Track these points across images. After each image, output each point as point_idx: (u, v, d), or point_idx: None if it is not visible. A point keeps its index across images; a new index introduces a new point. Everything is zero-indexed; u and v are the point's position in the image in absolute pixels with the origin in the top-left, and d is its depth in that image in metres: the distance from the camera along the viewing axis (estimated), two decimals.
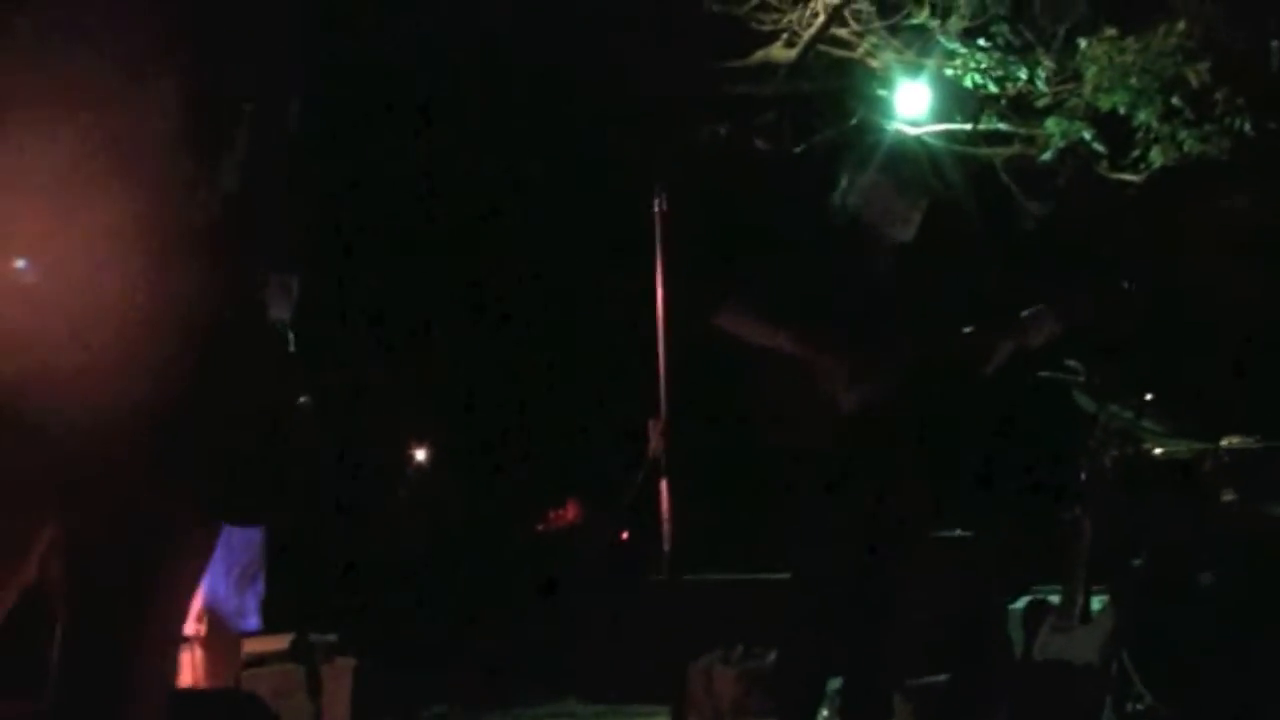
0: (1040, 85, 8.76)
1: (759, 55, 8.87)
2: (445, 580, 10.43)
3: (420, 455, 14.94)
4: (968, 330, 4.79)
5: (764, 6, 8.71)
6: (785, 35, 8.78)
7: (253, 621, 3.97)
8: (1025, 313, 4.85)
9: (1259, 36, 8.54)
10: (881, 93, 9.02)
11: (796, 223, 4.94)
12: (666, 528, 4.03)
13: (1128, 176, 9.07)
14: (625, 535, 11.48)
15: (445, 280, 12.06)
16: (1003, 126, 9.24)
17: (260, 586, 3.95)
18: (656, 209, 4.31)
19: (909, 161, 4.99)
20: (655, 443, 3.98)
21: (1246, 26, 8.73)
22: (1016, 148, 9.39)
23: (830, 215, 4.88)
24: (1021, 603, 5.96)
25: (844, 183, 4.89)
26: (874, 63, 8.77)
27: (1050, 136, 8.88)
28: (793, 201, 4.99)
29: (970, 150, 9.54)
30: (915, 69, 8.86)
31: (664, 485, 4.12)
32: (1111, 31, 8.43)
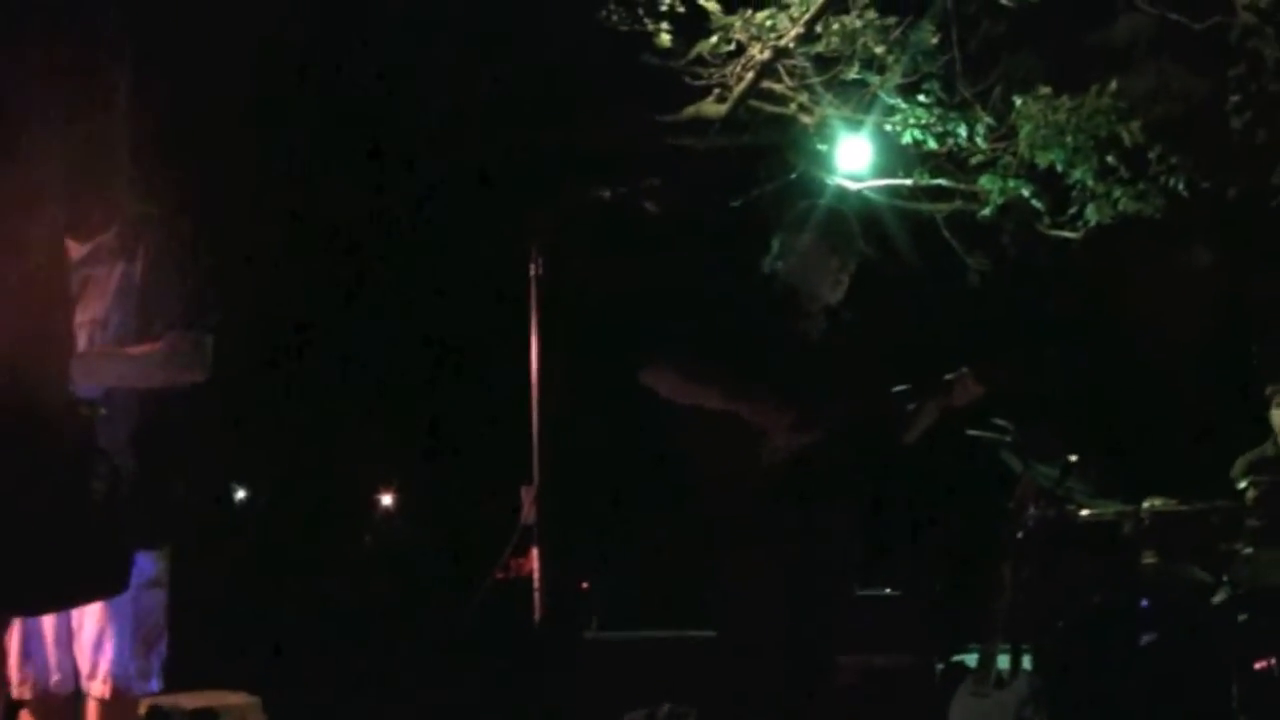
0: (979, 141, 8.95)
1: (690, 110, 9.09)
2: (391, 630, 10.48)
3: (386, 500, 14.98)
4: (895, 390, 4.89)
5: (700, 61, 8.92)
6: (717, 90, 9.00)
7: (154, 684, 4.07)
8: (949, 376, 4.94)
9: (1218, 87, 8.77)
10: (822, 147, 9.17)
11: (721, 282, 5.02)
12: (538, 596, 4.12)
13: (1066, 234, 9.26)
14: (585, 585, 11.60)
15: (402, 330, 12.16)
16: (944, 183, 9.42)
17: (162, 648, 4.06)
18: (532, 272, 4.40)
19: (840, 222, 5.08)
20: (528, 509, 4.06)
21: (1207, 78, 8.98)
22: (958, 204, 9.56)
23: (762, 278, 4.96)
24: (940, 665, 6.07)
25: (775, 247, 5.00)
26: (807, 118, 8.95)
27: (989, 193, 9.07)
28: (718, 261, 5.07)
29: (912, 206, 9.71)
30: (854, 124, 9.03)
31: (534, 553, 4.21)
32: (1046, 90, 8.66)
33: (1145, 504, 6.44)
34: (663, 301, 4.84)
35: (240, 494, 14.66)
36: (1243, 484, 6.63)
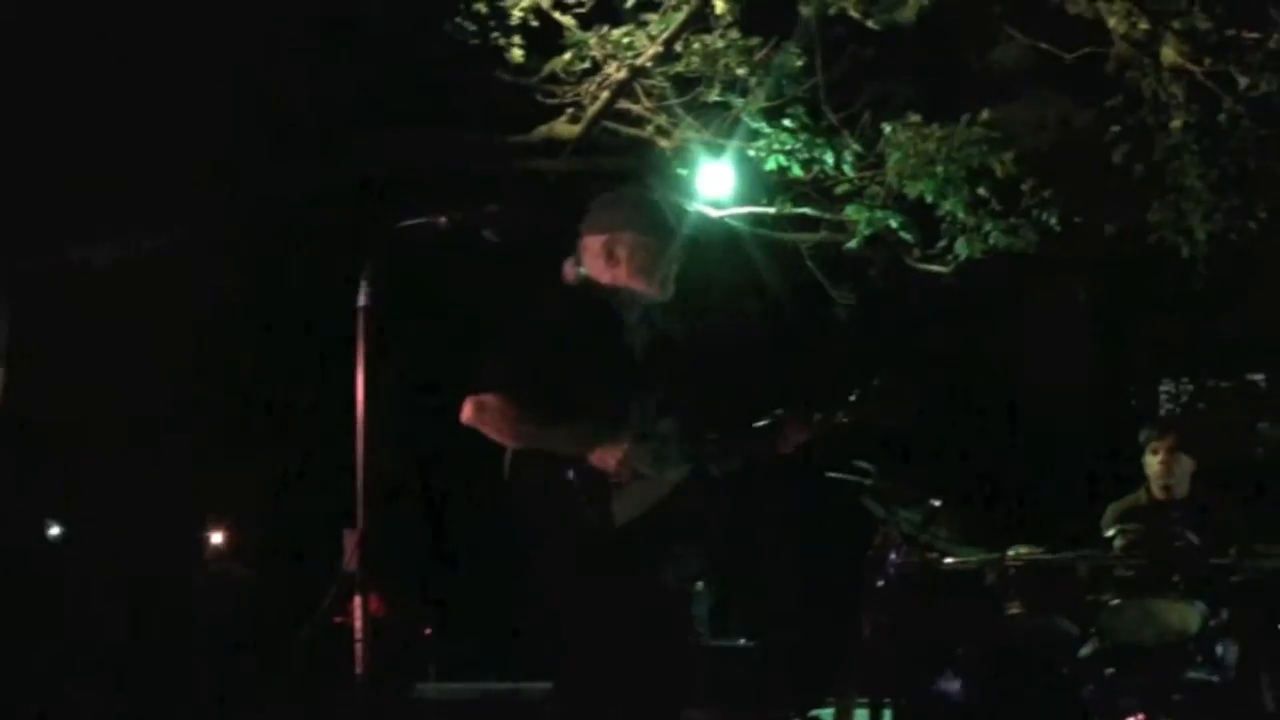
0: (847, 169, 9.03)
1: (541, 131, 9.08)
2: (210, 676, 10.31)
3: (217, 538, 14.75)
4: (711, 437, 4.87)
5: (553, 79, 8.91)
6: (571, 110, 8.99)
7: None
8: (762, 422, 4.92)
9: (1098, 119, 8.92)
10: (682, 172, 9.20)
11: (555, 309, 4.94)
12: (359, 648, 4.07)
13: (936, 268, 9.37)
14: (429, 631, 11.52)
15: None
16: (809, 211, 9.48)
17: None
18: (361, 304, 4.35)
19: (654, 213, 5.00)
20: (350, 555, 4.02)
21: (1087, 110, 9.14)
22: (823, 234, 9.63)
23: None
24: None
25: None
26: (665, 142, 8.98)
27: (857, 223, 9.15)
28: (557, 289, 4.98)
29: (776, 235, 9.78)
30: (716, 149, 9.07)
31: (357, 602, 4.15)
32: (916, 117, 8.76)
33: (1011, 552, 6.50)
34: (493, 333, 4.78)
35: (54, 530, 14.39)
36: (1110, 532, 6.74)
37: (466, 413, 4.67)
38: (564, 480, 4.64)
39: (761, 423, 4.92)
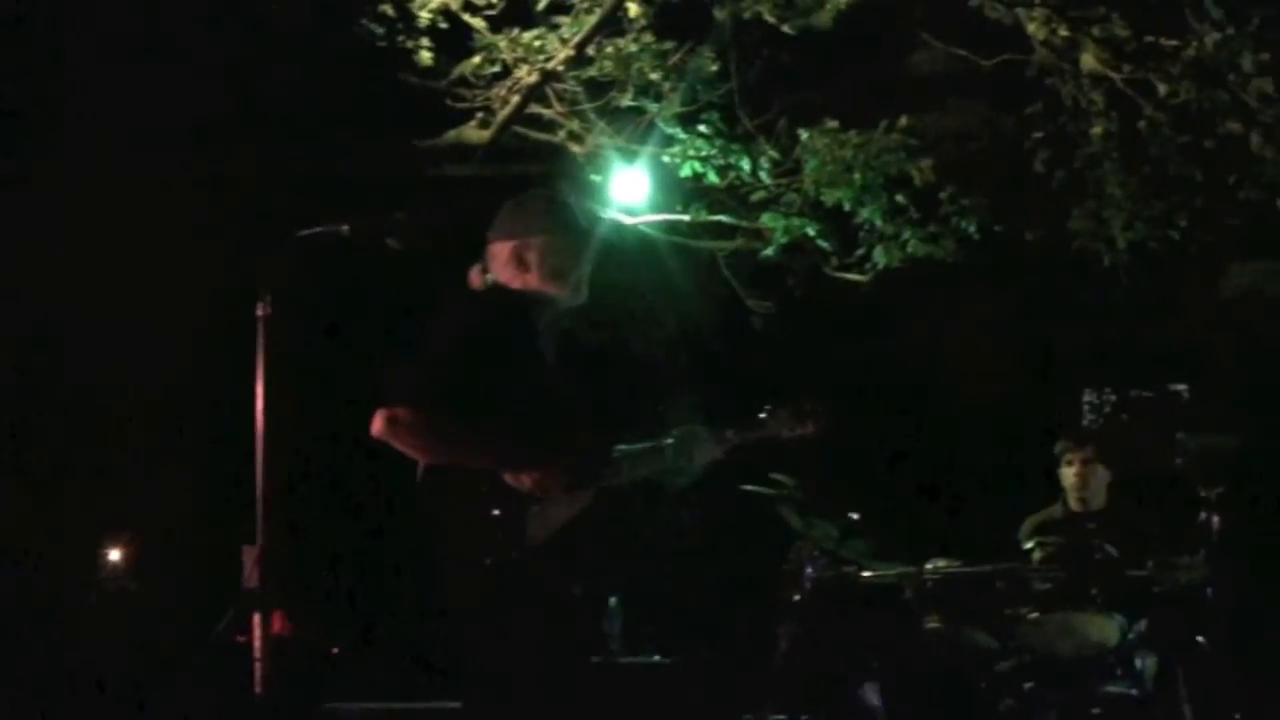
0: (763, 176, 9.08)
1: (450, 135, 9.08)
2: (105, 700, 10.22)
3: (115, 555, 14.60)
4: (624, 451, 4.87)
5: (463, 82, 8.93)
6: (481, 114, 8.99)
7: None
8: (668, 440, 4.94)
9: (1020, 126, 9.02)
10: (596, 178, 9.22)
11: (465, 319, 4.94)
12: (259, 666, 4.06)
13: (854, 277, 9.44)
14: (337, 650, 11.47)
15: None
16: (725, 219, 9.53)
17: None
18: (260, 313, 4.35)
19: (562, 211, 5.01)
20: (250, 572, 4.01)
21: (1009, 117, 9.25)
22: (739, 242, 9.67)
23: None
24: None
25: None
26: (578, 147, 9.01)
27: (773, 231, 9.21)
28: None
29: (692, 243, 9.81)
30: (630, 154, 9.10)
31: (257, 619, 4.14)
32: (833, 124, 8.83)
33: (929, 565, 6.57)
34: (403, 342, 4.77)
35: None
36: (1029, 545, 6.82)
37: (376, 426, 4.63)
38: (477, 496, 4.64)
39: (673, 437, 4.94)
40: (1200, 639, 6.29)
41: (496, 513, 4.60)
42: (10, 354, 9.93)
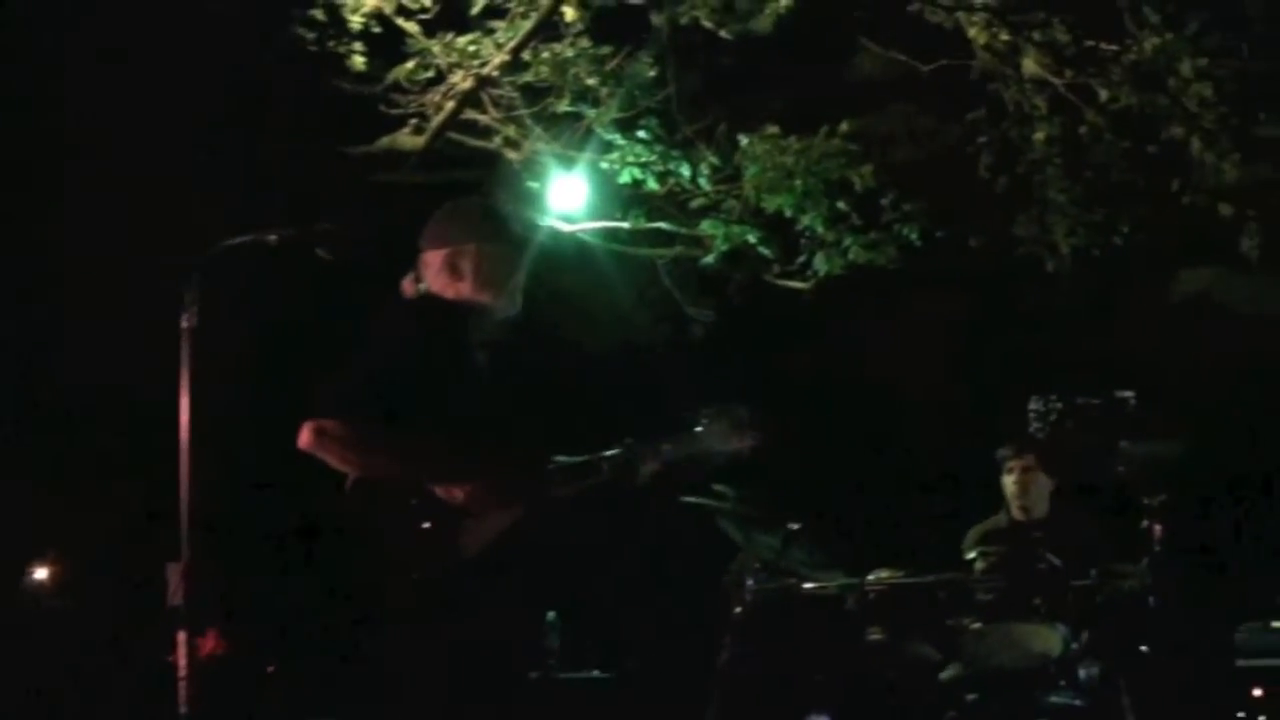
0: (703, 183, 9.12)
1: (384, 141, 9.07)
2: None
3: (41, 574, 14.53)
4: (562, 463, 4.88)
5: (397, 88, 8.91)
6: (415, 121, 8.98)
7: None
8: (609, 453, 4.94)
9: (964, 132, 9.08)
10: (533, 185, 9.22)
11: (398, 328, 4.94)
12: (183, 687, 4.04)
13: (796, 284, 9.48)
14: (271, 669, 11.40)
15: None
16: (665, 226, 9.56)
17: None
18: (184, 324, 4.33)
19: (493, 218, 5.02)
20: (175, 589, 3.99)
21: (953, 122, 9.30)
22: (680, 249, 9.70)
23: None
24: None
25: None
26: (514, 154, 9.01)
27: (714, 239, 9.24)
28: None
29: (632, 250, 9.84)
30: (568, 161, 9.11)
31: (182, 637, 4.12)
32: (773, 129, 8.87)
33: (871, 576, 6.59)
34: (333, 353, 4.75)
35: None
36: (971, 555, 6.87)
37: (304, 438, 4.60)
38: (407, 509, 4.64)
39: (612, 452, 4.95)
40: (1143, 648, 6.33)
41: (427, 526, 4.63)
42: None
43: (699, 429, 5.08)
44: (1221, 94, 7.98)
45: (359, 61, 8.75)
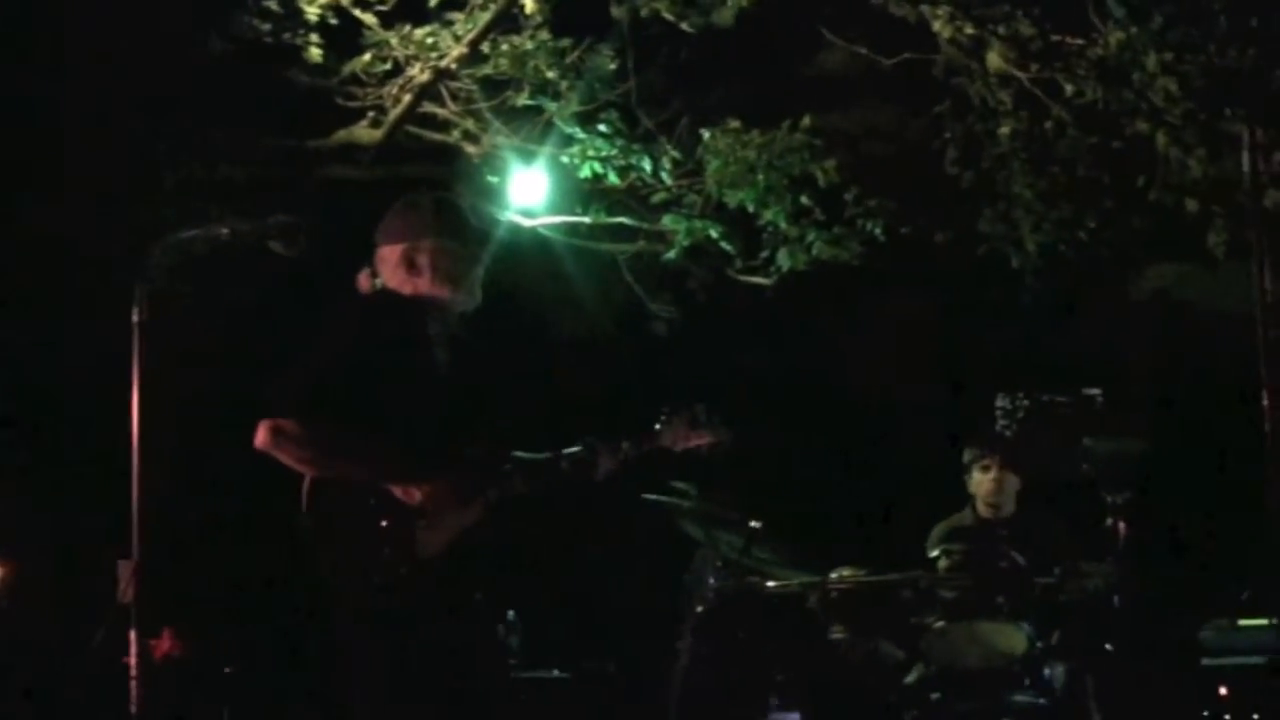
0: (665, 177, 9.13)
1: (340, 135, 9.03)
2: None
3: None
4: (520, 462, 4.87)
5: (354, 80, 8.89)
6: (372, 114, 8.96)
7: None
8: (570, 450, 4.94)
9: (930, 126, 9.10)
10: (493, 179, 9.21)
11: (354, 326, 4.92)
12: (135, 689, 4.01)
13: (758, 280, 9.49)
14: (229, 670, 11.37)
15: None
16: (626, 221, 9.56)
17: None
18: (135, 319, 4.29)
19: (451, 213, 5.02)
20: (125, 586, 3.96)
21: (918, 117, 9.32)
22: (641, 244, 9.70)
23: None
24: None
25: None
26: (473, 148, 9.00)
27: (676, 234, 9.25)
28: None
29: (592, 245, 9.83)
30: (528, 155, 9.11)
31: (133, 636, 4.09)
32: (735, 123, 8.88)
33: (834, 575, 6.60)
34: (288, 350, 4.72)
35: None
36: (935, 553, 6.89)
37: (260, 437, 4.58)
38: (365, 508, 4.63)
39: (571, 449, 4.95)
40: (1108, 646, 6.36)
41: (385, 524, 4.62)
42: None
43: (658, 427, 5.11)
44: (1187, 89, 8.00)
45: (315, 53, 8.72)
